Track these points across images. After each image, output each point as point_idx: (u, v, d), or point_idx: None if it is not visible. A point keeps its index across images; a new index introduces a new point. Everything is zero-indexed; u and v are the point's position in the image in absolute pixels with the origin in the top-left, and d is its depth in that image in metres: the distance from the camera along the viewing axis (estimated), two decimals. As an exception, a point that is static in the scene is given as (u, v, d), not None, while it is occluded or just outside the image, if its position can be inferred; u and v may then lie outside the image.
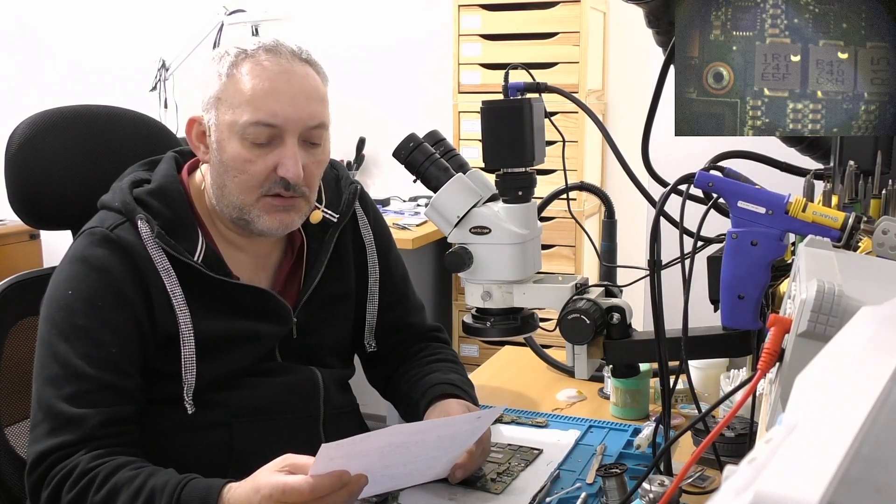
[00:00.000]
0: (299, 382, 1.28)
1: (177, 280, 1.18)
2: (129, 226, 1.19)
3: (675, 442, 0.97)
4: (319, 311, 1.32)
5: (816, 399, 0.41)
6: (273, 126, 1.17)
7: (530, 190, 1.12)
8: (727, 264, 0.97)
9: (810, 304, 0.63)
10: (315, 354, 1.33)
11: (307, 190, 1.22)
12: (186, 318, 1.18)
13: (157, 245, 1.18)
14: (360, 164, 3.59)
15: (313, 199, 1.26)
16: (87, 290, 1.16)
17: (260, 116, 1.17)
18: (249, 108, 1.17)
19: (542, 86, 1.11)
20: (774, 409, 0.68)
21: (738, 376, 1.37)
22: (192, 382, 1.19)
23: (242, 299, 1.24)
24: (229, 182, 1.21)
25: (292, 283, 1.32)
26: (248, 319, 1.24)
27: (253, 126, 1.17)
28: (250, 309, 1.24)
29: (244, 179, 1.20)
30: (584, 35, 2.95)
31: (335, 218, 1.34)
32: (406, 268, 1.50)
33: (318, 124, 1.21)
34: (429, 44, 3.52)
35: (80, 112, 1.46)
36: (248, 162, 1.19)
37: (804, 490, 0.32)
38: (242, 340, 1.24)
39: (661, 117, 1.15)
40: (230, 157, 1.19)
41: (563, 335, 1.09)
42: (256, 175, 1.19)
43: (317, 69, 1.26)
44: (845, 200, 1.11)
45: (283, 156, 1.18)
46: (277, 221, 1.22)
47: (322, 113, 1.23)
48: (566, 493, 1.11)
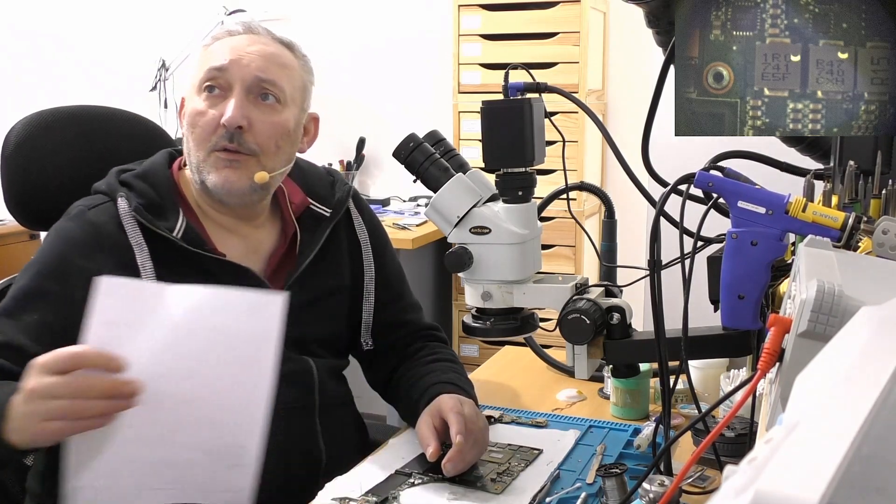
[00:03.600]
0: (293, 372, 1.27)
1: (149, 255, 1.20)
2: (108, 205, 1.24)
3: (675, 442, 0.97)
4: (311, 300, 1.33)
5: (816, 399, 0.41)
6: (223, 70, 1.24)
7: (530, 190, 1.12)
8: (727, 264, 0.97)
9: (810, 304, 0.63)
10: (307, 344, 1.33)
11: (256, 147, 1.25)
12: None
13: (133, 220, 1.21)
14: (360, 164, 3.59)
15: (268, 162, 1.27)
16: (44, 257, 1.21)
17: (214, 63, 1.24)
18: (207, 61, 1.26)
19: (542, 86, 1.11)
20: (774, 409, 0.68)
21: (738, 376, 1.37)
22: None
23: (221, 276, 1.24)
24: (190, 142, 1.26)
25: (282, 270, 1.33)
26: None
27: (207, 74, 1.24)
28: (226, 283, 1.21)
29: (197, 133, 1.25)
30: (584, 35, 2.95)
31: (327, 212, 1.38)
32: (402, 268, 1.51)
33: (270, 79, 1.26)
34: (429, 44, 3.52)
35: (76, 112, 1.46)
36: (200, 114, 1.24)
37: (804, 490, 0.32)
38: None
39: (661, 117, 1.15)
40: (188, 113, 1.26)
41: (563, 335, 1.09)
42: (206, 126, 1.24)
43: (294, 52, 1.34)
44: (845, 200, 1.11)
45: (227, 106, 1.23)
46: (223, 178, 1.24)
47: (278, 73, 1.27)
48: (566, 493, 1.11)
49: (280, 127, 1.27)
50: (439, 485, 1.13)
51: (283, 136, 1.28)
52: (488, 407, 1.43)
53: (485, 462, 1.19)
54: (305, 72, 1.36)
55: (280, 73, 1.28)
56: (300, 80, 1.34)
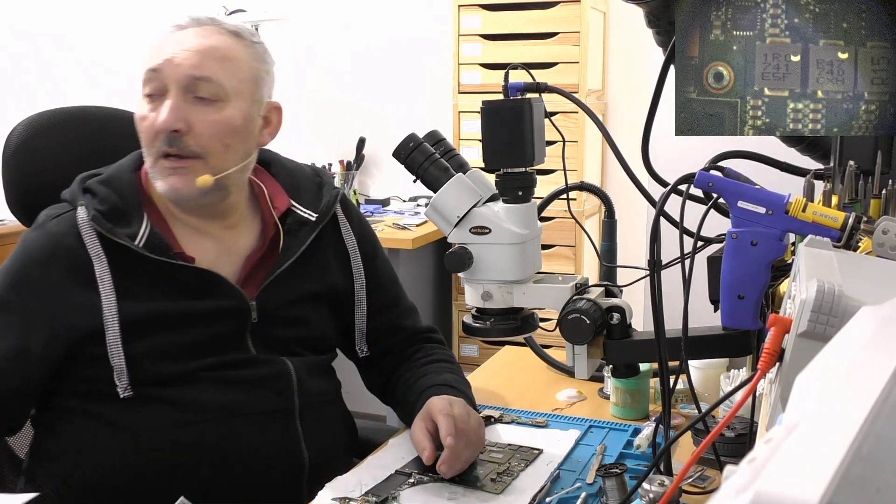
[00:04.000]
0: (269, 375, 1.25)
1: (107, 265, 1.18)
2: (70, 214, 1.21)
3: (675, 442, 0.97)
4: (291, 302, 1.30)
5: (816, 399, 0.41)
6: (157, 72, 1.19)
7: (530, 190, 1.12)
8: (727, 264, 0.97)
9: (810, 304, 0.63)
10: (286, 344, 1.30)
11: (200, 150, 1.20)
12: (111, 302, 1.17)
13: (92, 230, 1.18)
14: (360, 164, 3.59)
15: (217, 163, 1.22)
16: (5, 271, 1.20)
17: (148, 64, 1.19)
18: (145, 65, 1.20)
19: (542, 86, 1.11)
20: (774, 409, 0.68)
21: (738, 376, 1.37)
22: (122, 367, 1.17)
23: (186, 280, 1.22)
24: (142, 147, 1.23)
25: (260, 274, 1.30)
26: (191, 300, 1.22)
27: (145, 75, 1.20)
28: (195, 290, 1.22)
29: (143, 140, 1.22)
30: (584, 35, 2.95)
31: (312, 217, 1.34)
32: (395, 271, 1.50)
33: (204, 76, 1.19)
34: (429, 44, 3.52)
35: (76, 113, 1.46)
36: (142, 119, 1.21)
37: (804, 490, 0.32)
38: (184, 321, 1.21)
39: (661, 117, 1.15)
40: (136, 116, 1.22)
41: (563, 335, 1.09)
42: (148, 131, 1.20)
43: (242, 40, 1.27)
44: (845, 200, 1.11)
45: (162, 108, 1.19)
46: (169, 185, 1.21)
47: (214, 68, 1.20)
48: (566, 493, 1.11)
49: (224, 125, 1.21)
50: (439, 485, 1.13)
51: (229, 133, 1.22)
52: (488, 407, 1.43)
53: (485, 462, 1.19)
54: (257, 60, 1.28)
55: (218, 68, 1.21)
56: (248, 71, 1.26)
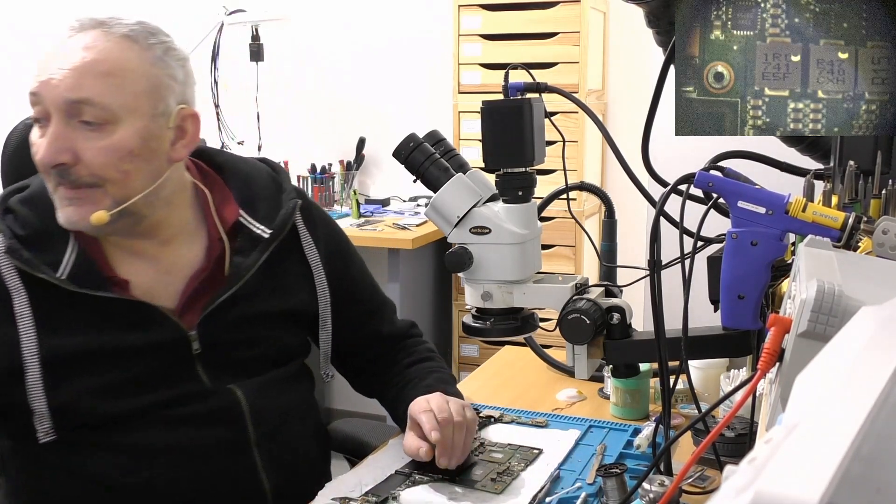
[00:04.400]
0: (218, 408, 1.16)
1: (27, 299, 1.07)
2: None
3: (675, 442, 0.97)
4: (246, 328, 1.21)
5: (816, 399, 0.41)
6: (37, 96, 1.06)
7: (530, 190, 1.12)
8: (727, 264, 0.97)
9: (810, 304, 0.63)
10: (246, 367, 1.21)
11: (94, 179, 1.07)
12: (31, 341, 1.07)
13: (9, 262, 1.08)
14: (360, 164, 3.59)
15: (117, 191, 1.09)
16: None
17: (31, 87, 1.07)
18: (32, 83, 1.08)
19: (542, 86, 1.11)
20: (774, 409, 0.68)
21: (738, 376, 1.37)
22: (44, 411, 1.08)
23: (116, 316, 1.11)
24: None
25: (206, 296, 1.18)
26: (122, 333, 1.11)
27: (28, 98, 1.07)
28: (127, 322, 1.12)
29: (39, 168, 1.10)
30: (584, 35, 2.95)
31: (266, 233, 1.22)
32: (369, 273, 1.43)
33: (82, 99, 1.05)
34: (429, 44, 3.52)
35: None
36: (33, 145, 1.09)
37: (804, 490, 0.32)
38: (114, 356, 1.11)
39: (661, 117, 1.15)
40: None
41: (563, 335, 1.09)
42: (38, 163, 1.09)
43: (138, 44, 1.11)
44: (845, 200, 1.11)
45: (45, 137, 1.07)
46: (66, 216, 1.08)
47: (96, 88, 1.05)
48: (566, 493, 1.11)
49: (116, 150, 1.07)
50: (439, 485, 1.13)
51: (125, 158, 1.08)
52: (488, 407, 1.43)
53: (485, 462, 1.19)
54: (157, 65, 1.12)
55: (101, 86, 1.05)
56: (143, 82, 1.10)
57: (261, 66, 3.40)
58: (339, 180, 3.52)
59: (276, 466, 1.21)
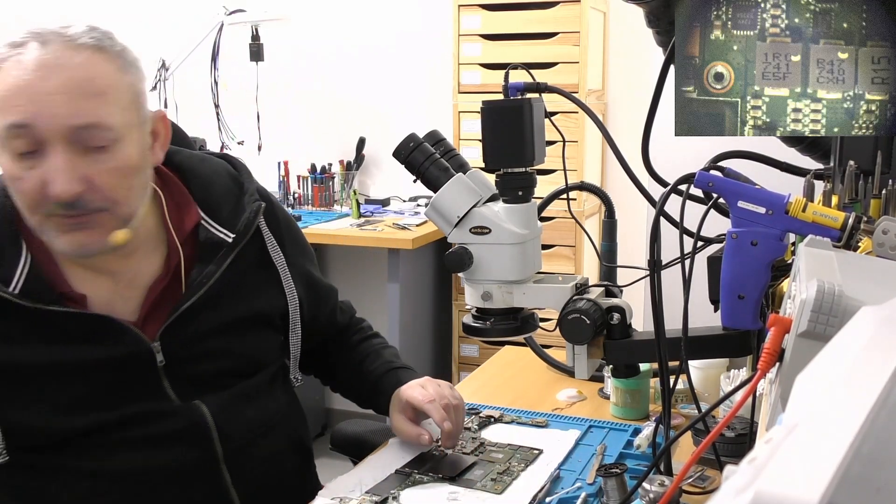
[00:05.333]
0: (182, 427, 1.12)
1: None
2: None
3: (675, 442, 0.97)
4: (213, 337, 1.16)
5: (816, 399, 0.41)
6: (27, 127, 0.98)
7: (530, 190, 1.12)
8: (727, 264, 0.97)
9: (810, 304, 0.63)
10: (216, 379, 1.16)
11: (105, 203, 1.03)
12: None
13: None
14: (360, 164, 3.59)
15: (124, 210, 1.06)
16: None
17: (12, 118, 0.98)
18: (3, 112, 0.99)
19: (542, 86, 1.11)
20: (774, 409, 0.68)
21: (738, 376, 1.37)
22: None
23: (74, 331, 1.06)
24: (17, 203, 1.05)
25: (167, 306, 1.14)
26: (79, 346, 1.07)
27: (8, 131, 0.99)
28: (83, 336, 1.07)
29: (21, 199, 1.03)
30: (584, 35, 2.95)
31: (230, 238, 1.17)
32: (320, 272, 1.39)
33: (89, 124, 1.00)
34: (429, 44, 3.52)
35: None
36: (18, 179, 1.01)
37: (804, 490, 0.32)
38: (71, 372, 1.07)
39: (661, 117, 1.15)
40: (4, 173, 1.03)
41: (563, 335, 1.09)
42: (29, 194, 1.01)
43: (108, 54, 1.05)
44: (845, 200, 1.11)
45: (49, 170, 1.00)
46: (75, 243, 1.04)
47: (97, 110, 1.01)
48: (566, 493, 1.11)
49: (123, 169, 1.04)
50: (439, 485, 1.13)
51: (130, 175, 1.06)
52: (488, 407, 1.43)
53: (485, 462, 1.19)
54: (130, 73, 1.08)
55: (99, 107, 1.01)
56: (128, 94, 1.06)
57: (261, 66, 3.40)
58: (339, 180, 3.52)
59: (247, 482, 1.17)
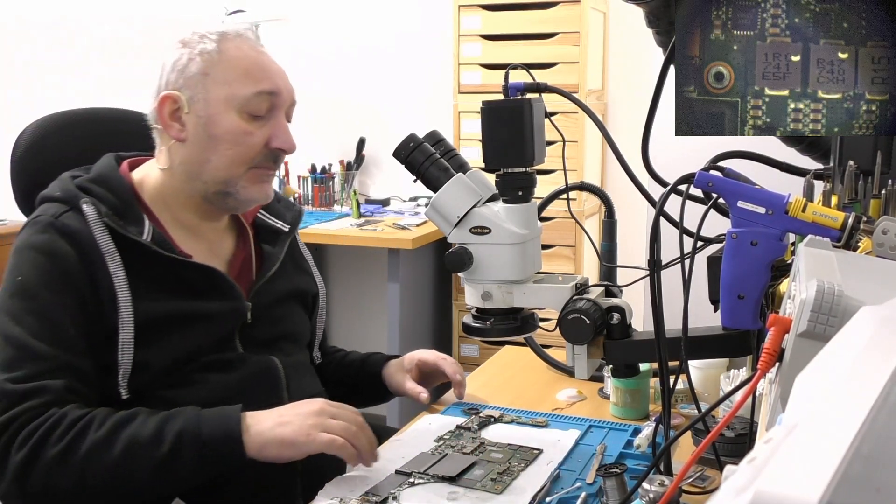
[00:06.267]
0: (258, 373, 1.26)
1: (121, 263, 1.16)
2: (72, 213, 1.19)
3: (675, 442, 0.97)
4: (276, 303, 1.35)
5: (816, 399, 0.41)
6: (274, 95, 1.24)
7: (530, 190, 1.12)
8: (727, 264, 0.97)
9: (810, 304, 0.63)
10: (276, 343, 1.33)
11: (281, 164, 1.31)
12: (127, 301, 1.15)
13: (103, 227, 1.17)
14: (360, 164, 3.59)
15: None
16: (37, 274, 1.15)
17: (263, 87, 1.23)
18: (250, 80, 1.22)
19: (542, 86, 1.11)
20: (774, 409, 0.68)
21: (738, 376, 1.37)
22: (129, 368, 1.15)
23: (192, 279, 1.23)
24: (217, 156, 1.23)
25: (243, 275, 1.34)
26: (197, 300, 1.23)
27: (256, 97, 1.22)
28: (200, 289, 1.23)
29: (240, 151, 1.23)
30: (584, 35, 2.95)
31: (285, 228, 1.42)
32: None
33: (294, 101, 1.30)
34: (429, 44, 3.52)
35: (85, 115, 1.48)
36: (248, 134, 1.23)
37: (804, 490, 0.32)
38: (192, 321, 1.22)
39: (661, 117, 1.15)
40: (225, 131, 1.22)
41: (563, 335, 1.09)
42: (253, 147, 1.23)
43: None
44: (845, 200, 1.11)
45: (277, 128, 1.25)
46: (262, 192, 1.28)
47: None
48: (566, 493, 1.11)
49: None
50: (439, 485, 1.13)
51: None
52: (488, 407, 1.43)
53: (485, 462, 1.19)
54: None
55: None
56: None
57: (261, 66, 3.40)
58: (339, 180, 3.52)
59: None
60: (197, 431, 1.07)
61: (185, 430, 1.07)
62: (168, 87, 1.22)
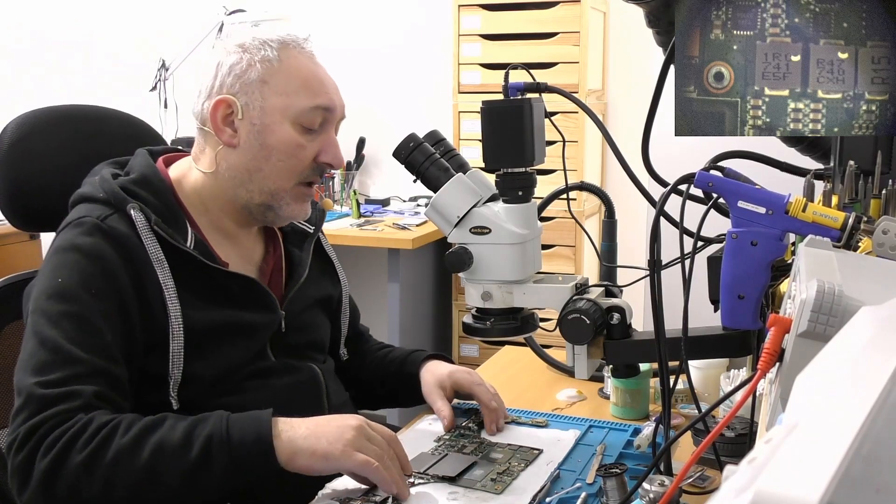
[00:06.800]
0: (301, 381, 1.28)
1: (169, 272, 1.15)
2: (118, 217, 1.16)
3: (675, 442, 0.97)
4: (305, 310, 1.34)
5: (816, 399, 0.41)
6: (328, 111, 1.24)
7: (530, 190, 1.12)
8: (727, 264, 0.97)
9: (810, 304, 0.63)
10: (305, 352, 1.33)
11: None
12: (177, 311, 1.14)
13: (152, 235, 1.15)
14: (360, 164, 3.59)
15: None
16: (78, 277, 1.11)
17: (320, 101, 1.22)
18: (308, 94, 1.22)
19: (542, 86, 1.11)
20: (774, 409, 0.68)
21: (738, 376, 1.37)
22: (179, 378, 1.14)
23: (231, 288, 1.22)
24: (268, 166, 1.22)
25: (276, 280, 1.34)
26: (237, 309, 1.22)
27: (312, 111, 1.22)
28: (239, 298, 1.22)
29: (291, 164, 1.22)
30: (584, 35, 2.95)
31: (310, 229, 1.40)
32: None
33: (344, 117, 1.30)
34: (429, 44, 3.52)
35: (68, 112, 1.43)
36: (300, 147, 1.22)
37: (804, 490, 0.32)
38: (234, 331, 1.21)
39: (661, 117, 1.15)
40: (279, 141, 1.21)
41: (563, 335, 1.09)
42: (304, 160, 1.23)
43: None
44: (845, 200, 1.11)
45: (328, 143, 1.25)
46: (303, 210, 1.28)
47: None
48: (566, 493, 1.11)
49: None
50: (439, 485, 1.13)
51: None
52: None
53: (485, 462, 1.19)
54: None
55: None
56: None
57: (261, 66, 3.40)
58: (339, 180, 3.52)
59: None
60: (226, 435, 1.02)
61: (214, 434, 1.02)
62: (223, 91, 1.20)
